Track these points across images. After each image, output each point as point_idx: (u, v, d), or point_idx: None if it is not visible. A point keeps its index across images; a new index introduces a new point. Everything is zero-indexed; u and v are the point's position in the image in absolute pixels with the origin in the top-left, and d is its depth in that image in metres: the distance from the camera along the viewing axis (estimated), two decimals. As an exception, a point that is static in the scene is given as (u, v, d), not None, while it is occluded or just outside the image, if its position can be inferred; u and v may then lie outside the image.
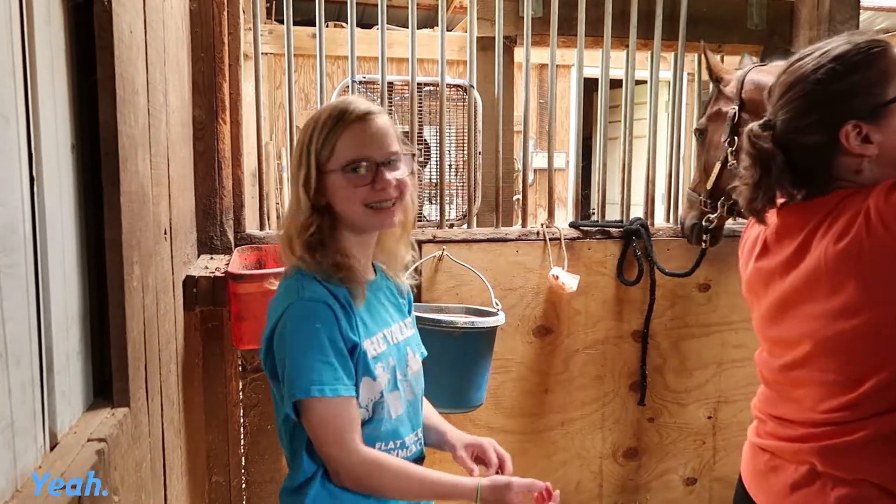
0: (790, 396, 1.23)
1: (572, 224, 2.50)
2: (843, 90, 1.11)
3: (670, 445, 2.64)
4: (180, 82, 1.80)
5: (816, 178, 1.17)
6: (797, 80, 1.15)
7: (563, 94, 5.91)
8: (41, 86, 0.91)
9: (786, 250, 1.19)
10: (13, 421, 0.80)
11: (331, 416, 1.18)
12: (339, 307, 1.21)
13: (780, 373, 1.25)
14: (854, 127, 1.09)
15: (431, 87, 2.64)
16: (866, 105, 1.09)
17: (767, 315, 1.26)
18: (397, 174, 1.25)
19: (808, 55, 1.17)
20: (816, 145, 1.14)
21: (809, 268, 1.13)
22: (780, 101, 1.18)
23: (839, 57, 1.11)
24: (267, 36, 4.59)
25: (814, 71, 1.13)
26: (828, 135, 1.12)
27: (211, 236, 2.13)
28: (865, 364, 1.09)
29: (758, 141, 1.18)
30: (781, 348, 1.24)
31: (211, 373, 2.11)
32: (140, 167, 1.24)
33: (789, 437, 1.22)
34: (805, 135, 1.15)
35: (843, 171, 1.14)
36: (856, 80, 1.10)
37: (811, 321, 1.14)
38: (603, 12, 2.50)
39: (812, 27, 2.70)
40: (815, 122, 1.13)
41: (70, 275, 1.02)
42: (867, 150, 1.10)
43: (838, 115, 1.11)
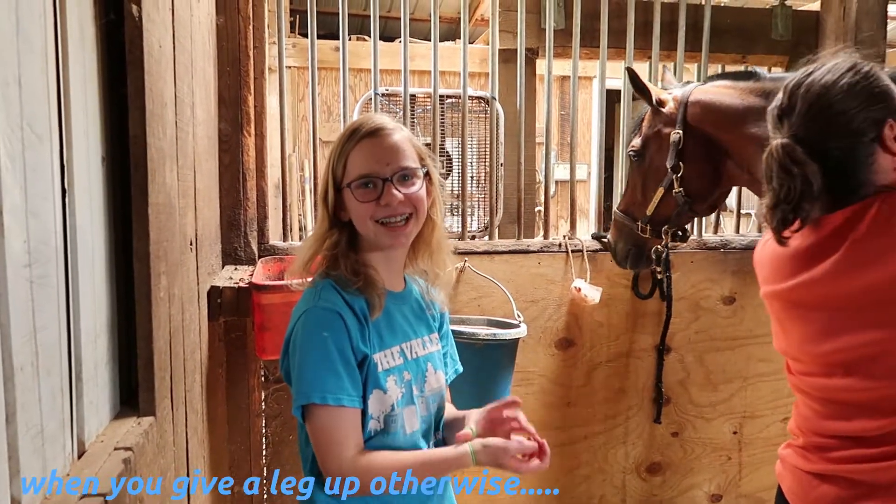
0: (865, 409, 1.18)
1: (594, 236, 2.48)
2: (873, 92, 1.16)
3: (695, 461, 2.60)
4: (207, 95, 1.83)
5: (853, 185, 1.18)
6: (822, 90, 1.18)
7: (585, 106, 5.90)
8: (74, 101, 0.93)
9: (830, 263, 1.17)
10: (43, 428, 0.81)
11: (329, 426, 1.18)
12: (351, 317, 1.21)
13: (846, 389, 1.20)
14: (891, 126, 1.14)
15: (454, 100, 2.65)
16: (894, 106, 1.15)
17: (818, 332, 1.23)
18: (410, 190, 1.24)
19: (813, 72, 1.21)
20: (856, 146, 1.16)
21: (870, 270, 1.13)
22: (808, 114, 1.19)
23: (853, 68, 1.18)
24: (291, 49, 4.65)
25: (837, 80, 1.17)
26: (868, 136, 1.15)
27: (235, 247, 2.15)
28: None
29: (793, 154, 1.17)
30: (839, 365, 1.20)
31: (234, 383, 2.13)
32: (168, 179, 1.26)
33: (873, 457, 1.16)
34: (845, 138, 1.17)
35: (881, 171, 1.16)
36: (878, 84, 1.16)
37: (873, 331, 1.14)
38: (625, 24, 2.50)
39: (838, 38, 2.67)
40: (856, 124, 1.16)
41: (99, 285, 1.03)
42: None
43: (877, 114, 1.15)
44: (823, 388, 1.24)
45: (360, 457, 1.19)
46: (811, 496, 1.24)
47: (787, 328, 1.30)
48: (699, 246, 2.51)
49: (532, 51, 2.68)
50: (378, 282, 1.26)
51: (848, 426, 1.20)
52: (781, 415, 2.58)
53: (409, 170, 1.25)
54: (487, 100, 2.55)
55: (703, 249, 2.50)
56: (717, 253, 2.50)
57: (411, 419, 1.29)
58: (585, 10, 2.47)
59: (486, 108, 2.63)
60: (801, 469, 1.27)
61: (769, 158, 1.21)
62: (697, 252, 2.50)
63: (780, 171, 1.19)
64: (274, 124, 2.30)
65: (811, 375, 1.27)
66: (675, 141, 1.99)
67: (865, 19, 2.61)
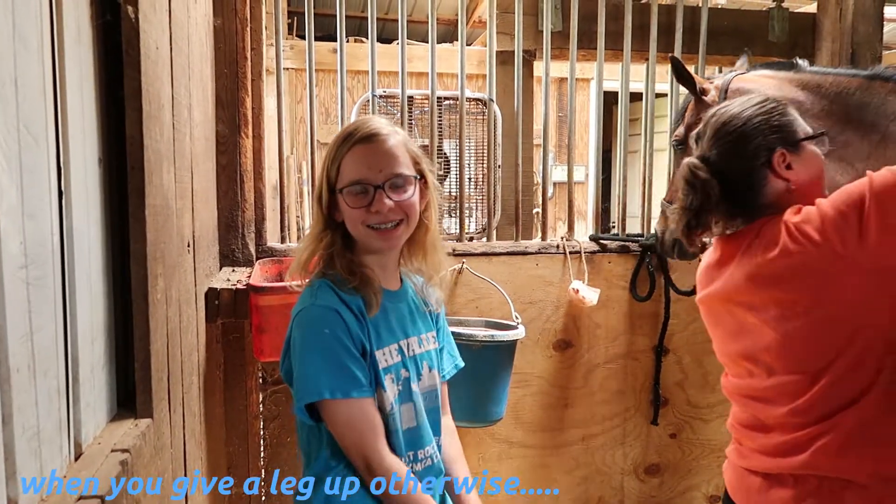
0: (764, 410, 1.31)
1: (592, 237, 2.48)
2: (771, 125, 1.33)
3: (693, 462, 2.60)
4: (204, 97, 1.83)
5: (749, 203, 1.34)
6: (728, 119, 1.36)
7: (583, 108, 5.91)
8: (70, 103, 0.93)
9: (727, 273, 1.35)
10: (40, 430, 0.81)
11: (355, 419, 1.19)
12: (349, 314, 1.22)
13: (752, 389, 1.34)
14: (781, 154, 1.31)
15: (451, 101, 2.65)
16: (790, 138, 1.32)
17: (726, 336, 1.40)
18: (402, 197, 1.25)
19: (728, 105, 1.40)
20: (751, 170, 1.33)
21: (746, 284, 1.29)
22: (714, 139, 1.37)
23: (761, 103, 1.36)
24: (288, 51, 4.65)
25: (743, 111, 1.36)
26: (760, 160, 1.32)
27: (233, 249, 2.15)
28: (818, 359, 1.22)
29: (699, 172, 1.36)
30: (746, 363, 1.35)
31: (232, 385, 2.12)
32: (165, 180, 1.26)
33: (774, 451, 1.28)
34: (742, 160, 1.33)
35: (772, 194, 1.32)
36: (777, 118, 1.33)
37: (766, 329, 1.28)
38: (622, 26, 2.50)
39: (835, 40, 2.68)
40: (752, 150, 1.33)
41: (96, 287, 1.03)
42: (790, 175, 1.30)
43: (770, 143, 1.32)
44: (737, 387, 1.39)
45: (393, 461, 1.22)
46: (741, 488, 1.37)
47: (711, 331, 1.47)
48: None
49: (529, 53, 2.68)
50: (374, 280, 1.27)
51: (753, 420, 1.35)
52: (779, 416, 2.58)
53: (402, 177, 1.26)
54: (485, 101, 2.55)
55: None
56: (714, 254, 2.50)
57: (409, 416, 1.30)
58: (582, 12, 2.48)
59: (483, 110, 2.63)
60: (736, 464, 1.39)
61: (680, 173, 1.39)
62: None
63: (686, 185, 1.37)
64: (272, 126, 2.30)
65: (730, 376, 1.43)
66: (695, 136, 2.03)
67: (862, 21, 2.62)
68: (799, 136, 1.33)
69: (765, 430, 1.32)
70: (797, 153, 1.32)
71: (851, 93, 1.72)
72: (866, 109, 1.69)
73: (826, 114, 1.75)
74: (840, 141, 1.71)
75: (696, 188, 1.35)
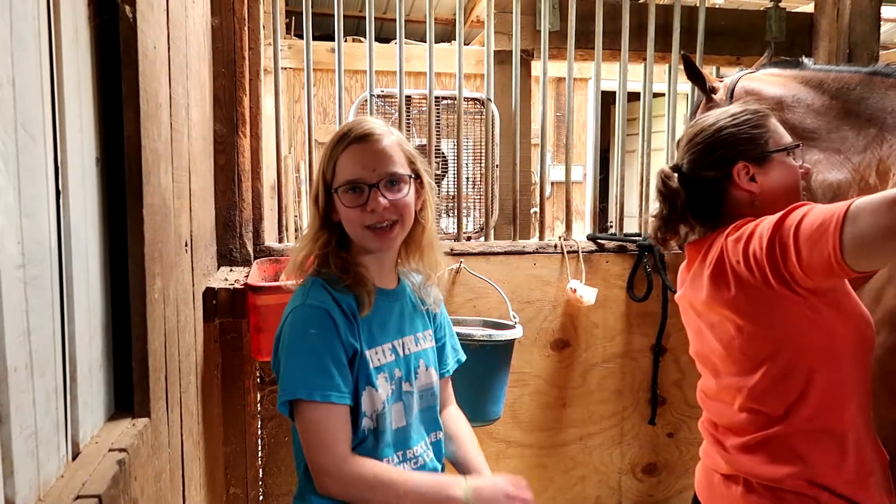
0: (717, 411, 1.39)
1: (590, 237, 2.49)
2: (737, 136, 1.36)
3: (690, 461, 2.60)
4: (202, 97, 1.83)
5: (711, 213, 1.39)
6: (700, 129, 1.41)
7: (581, 107, 5.92)
8: (68, 102, 0.93)
9: (689, 278, 1.40)
10: (37, 430, 0.81)
11: (319, 422, 1.17)
12: (340, 314, 1.22)
13: (709, 390, 1.41)
14: (744, 167, 1.35)
15: (449, 101, 2.66)
16: (755, 151, 1.35)
17: (691, 337, 1.47)
18: (397, 196, 1.25)
19: (710, 115, 1.44)
20: (714, 179, 1.37)
21: (700, 291, 1.33)
22: (686, 147, 1.43)
23: (735, 114, 1.39)
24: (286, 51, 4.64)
25: (714, 122, 1.40)
26: (723, 170, 1.36)
27: (230, 249, 2.15)
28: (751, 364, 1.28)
29: (668, 181, 1.42)
30: (703, 365, 1.44)
31: (229, 384, 2.12)
32: (163, 180, 1.26)
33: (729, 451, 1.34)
34: (706, 170, 1.38)
35: (734, 205, 1.36)
36: (746, 130, 1.36)
37: (712, 335, 1.35)
38: (620, 26, 2.50)
39: (832, 39, 2.68)
40: (715, 160, 1.37)
41: (93, 286, 1.03)
42: (752, 187, 1.34)
43: (733, 155, 1.35)
44: (700, 387, 1.47)
45: (351, 459, 1.19)
46: (704, 484, 1.43)
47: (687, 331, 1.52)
48: (694, 247, 2.52)
49: (527, 52, 2.69)
50: (368, 279, 1.27)
51: (711, 418, 1.42)
52: (776, 415, 2.59)
53: (396, 176, 1.26)
54: (483, 101, 2.55)
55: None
56: (711, 254, 2.51)
57: (399, 416, 1.30)
58: (580, 12, 2.48)
59: (481, 110, 2.63)
60: (703, 463, 1.45)
61: (656, 179, 1.46)
62: (692, 253, 2.50)
63: (657, 192, 1.45)
64: (269, 125, 2.30)
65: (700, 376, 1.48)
66: None
67: (859, 21, 2.62)
68: (767, 148, 1.36)
69: (721, 430, 1.37)
70: (763, 165, 1.35)
71: (852, 88, 1.74)
72: (865, 104, 1.71)
73: (827, 109, 1.78)
74: (838, 136, 1.74)
75: (665, 197, 1.42)
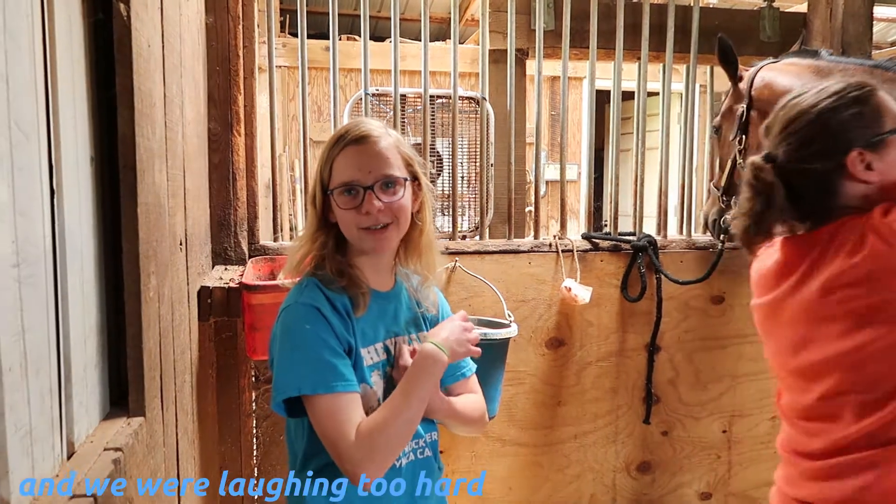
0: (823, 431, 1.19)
1: (585, 236, 2.49)
2: (846, 120, 1.16)
3: (685, 459, 2.61)
4: (196, 95, 1.82)
5: (820, 208, 1.20)
6: (799, 113, 1.20)
7: (575, 106, 5.93)
8: (62, 100, 0.93)
9: (793, 281, 1.20)
10: (32, 429, 0.81)
11: (332, 414, 1.17)
12: (332, 313, 1.22)
13: (809, 409, 1.22)
14: (859, 154, 1.15)
15: (444, 100, 2.65)
16: (867, 135, 1.15)
17: (786, 348, 1.26)
18: (392, 199, 1.25)
19: (804, 92, 1.23)
20: (822, 173, 1.18)
21: (818, 295, 1.15)
22: (781, 134, 1.22)
23: (838, 93, 1.18)
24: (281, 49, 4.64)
25: (815, 104, 1.19)
26: (833, 162, 1.17)
27: (225, 247, 2.14)
28: (884, 386, 1.10)
29: (760, 173, 1.22)
30: (807, 380, 1.23)
31: (224, 383, 2.12)
32: (157, 179, 1.25)
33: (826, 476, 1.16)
34: (811, 162, 1.18)
35: (848, 197, 1.18)
36: (856, 112, 1.16)
37: (836, 342, 1.15)
38: (615, 25, 2.51)
39: (825, 39, 2.69)
40: (821, 150, 1.17)
41: (88, 285, 1.03)
42: (871, 177, 1.15)
43: (842, 144, 1.16)
44: (792, 405, 1.27)
45: (358, 430, 1.19)
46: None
47: (766, 341, 1.34)
48: (688, 246, 2.53)
49: (522, 51, 2.69)
50: (362, 282, 1.28)
51: (808, 444, 1.22)
52: (769, 413, 2.60)
53: (392, 178, 1.25)
54: (478, 100, 2.55)
55: (692, 249, 2.52)
56: (705, 253, 2.52)
57: None
58: (575, 12, 2.48)
59: (476, 109, 2.63)
60: (785, 492, 1.28)
61: (744, 174, 1.26)
62: (687, 252, 2.51)
63: (747, 188, 1.25)
64: (264, 124, 2.29)
65: (783, 393, 1.31)
66: (739, 115, 2.12)
67: (852, 21, 2.64)
68: (882, 129, 1.15)
69: (819, 455, 1.18)
70: (879, 150, 1.15)
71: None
72: None
73: None
74: None
75: (759, 191, 1.22)
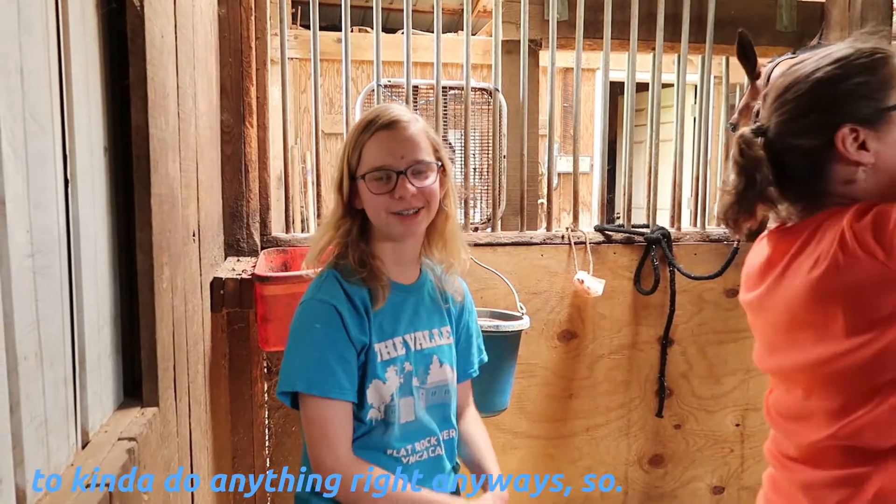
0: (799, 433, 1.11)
1: (597, 228, 2.48)
2: (843, 92, 1.03)
3: (697, 453, 2.60)
4: (209, 86, 1.83)
5: (806, 190, 1.09)
6: (795, 81, 1.08)
7: (588, 98, 5.89)
8: (76, 91, 0.93)
9: (773, 276, 1.12)
10: (47, 419, 0.81)
11: (321, 418, 1.18)
12: (349, 309, 1.22)
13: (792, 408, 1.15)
14: (851, 131, 1.01)
15: (456, 91, 2.64)
16: (867, 109, 1.01)
17: (764, 347, 1.20)
18: (424, 183, 1.25)
19: (808, 59, 1.09)
20: (810, 150, 1.05)
21: (794, 293, 1.05)
22: (774, 104, 1.10)
23: (841, 59, 1.04)
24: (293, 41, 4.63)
25: (813, 72, 1.06)
26: (823, 138, 1.03)
27: (237, 239, 2.15)
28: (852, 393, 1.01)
29: (747, 148, 1.10)
30: (781, 380, 1.17)
31: (237, 374, 2.13)
32: (170, 170, 1.25)
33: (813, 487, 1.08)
34: (799, 137, 1.06)
35: (836, 181, 1.05)
36: (857, 82, 1.02)
37: (804, 349, 1.06)
38: (629, 15, 2.48)
39: (843, 28, 2.65)
40: (810, 124, 1.05)
41: (102, 276, 1.03)
42: (863, 158, 1.02)
43: (836, 117, 1.02)
44: (775, 405, 1.19)
45: (352, 462, 1.19)
46: None
47: (755, 337, 1.26)
48: (702, 238, 2.51)
49: (535, 42, 2.67)
50: (383, 274, 1.27)
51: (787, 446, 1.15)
52: (784, 407, 2.58)
53: (424, 163, 1.25)
54: (490, 91, 2.54)
55: (706, 242, 2.50)
56: (719, 245, 2.50)
57: (407, 410, 1.29)
58: (589, 2, 2.46)
59: (488, 100, 2.62)
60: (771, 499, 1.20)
61: (733, 145, 1.14)
62: (701, 244, 2.49)
63: (733, 161, 1.13)
64: (276, 116, 2.29)
65: (770, 391, 1.23)
66: (756, 112, 2.09)
67: (871, 10, 2.59)
68: (885, 102, 1.01)
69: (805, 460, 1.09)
70: (877, 127, 1.01)
71: None
72: None
73: None
74: None
75: (745, 167, 1.10)
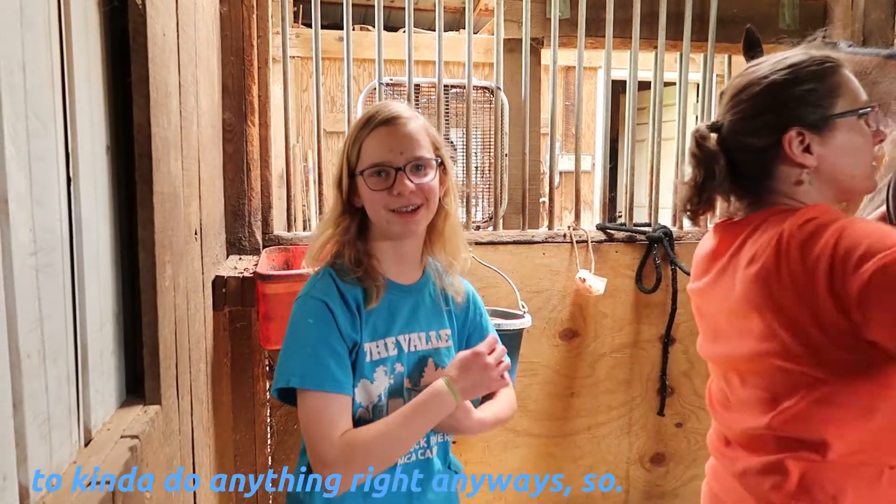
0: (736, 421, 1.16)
1: (599, 226, 2.48)
2: (793, 96, 1.09)
3: (699, 451, 2.60)
4: (211, 85, 1.83)
5: (754, 187, 1.15)
6: (749, 83, 1.14)
7: (590, 96, 5.89)
8: (78, 90, 0.93)
9: (716, 269, 1.17)
10: (49, 416, 0.81)
11: (315, 409, 1.16)
12: (341, 307, 1.21)
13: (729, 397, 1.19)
14: (798, 133, 1.08)
15: (458, 90, 2.64)
16: (813, 115, 1.08)
17: (706, 335, 1.25)
18: (423, 180, 1.24)
19: (763, 62, 1.16)
20: (760, 148, 1.12)
21: (732, 286, 1.10)
22: (730, 103, 1.17)
23: (794, 65, 1.11)
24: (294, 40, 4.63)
25: (767, 75, 1.12)
26: (772, 138, 1.10)
27: (239, 237, 2.15)
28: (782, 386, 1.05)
29: (703, 142, 1.17)
30: (720, 369, 1.22)
31: (238, 372, 2.13)
32: (172, 168, 1.26)
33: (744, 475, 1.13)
34: (750, 136, 1.13)
35: (782, 180, 1.12)
36: (807, 89, 1.09)
37: (738, 340, 1.11)
38: (631, 13, 2.48)
39: (846, 27, 2.65)
40: (761, 125, 1.12)
41: (104, 274, 1.03)
42: (807, 160, 1.09)
43: (785, 120, 1.09)
44: (714, 394, 1.24)
45: (343, 436, 1.18)
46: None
47: (698, 325, 1.29)
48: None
49: (537, 40, 2.67)
50: (379, 274, 1.26)
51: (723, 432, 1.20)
52: (785, 406, 2.58)
53: (423, 160, 1.24)
54: (492, 90, 2.54)
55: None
56: (722, 244, 2.49)
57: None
58: (591, 0, 2.46)
59: (490, 98, 2.62)
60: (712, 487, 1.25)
61: (689, 140, 1.21)
62: (702, 243, 2.49)
63: (690, 154, 1.20)
64: (278, 114, 2.29)
65: (711, 381, 1.27)
66: None
67: (874, 8, 2.59)
68: (832, 110, 1.08)
69: (741, 447, 1.14)
70: (822, 133, 1.08)
71: (868, 72, 1.72)
72: (876, 88, 1.68)
73: None
74: None
75: (700, 161, 1.17)
